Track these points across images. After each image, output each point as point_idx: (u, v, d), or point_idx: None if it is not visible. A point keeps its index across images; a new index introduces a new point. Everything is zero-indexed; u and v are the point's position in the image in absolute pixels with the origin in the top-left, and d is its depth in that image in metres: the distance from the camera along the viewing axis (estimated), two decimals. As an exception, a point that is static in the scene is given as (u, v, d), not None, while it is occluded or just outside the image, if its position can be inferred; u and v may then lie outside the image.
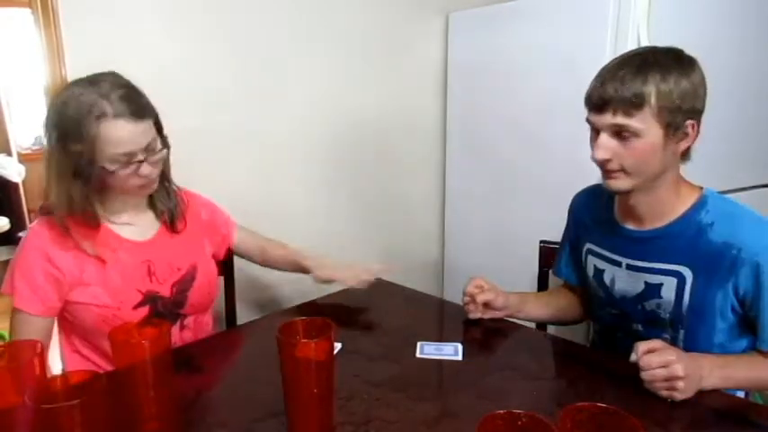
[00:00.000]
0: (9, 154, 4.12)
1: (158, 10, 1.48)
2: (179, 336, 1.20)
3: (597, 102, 0.97)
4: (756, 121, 1.90)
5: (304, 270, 1.34)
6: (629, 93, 0.93)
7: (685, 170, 1.06)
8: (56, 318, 1.13)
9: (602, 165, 1.01)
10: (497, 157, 2.02)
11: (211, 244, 1.32)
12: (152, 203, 1.20)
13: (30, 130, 4.40)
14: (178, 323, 1.20)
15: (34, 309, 1.07)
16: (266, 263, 1.42)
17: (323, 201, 1.94)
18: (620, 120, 0.95)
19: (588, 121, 1.01)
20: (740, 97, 1.81)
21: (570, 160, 1.75)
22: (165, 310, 1.17)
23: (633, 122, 0.94)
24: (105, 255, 1.11)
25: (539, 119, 1.85)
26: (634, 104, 0.93)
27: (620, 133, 0.96)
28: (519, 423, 0.58)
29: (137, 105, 1.04)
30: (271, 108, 1.75)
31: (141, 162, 1.05)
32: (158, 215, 1.21)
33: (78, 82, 1.05)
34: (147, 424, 0.79)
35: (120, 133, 1.01)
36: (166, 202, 1.21)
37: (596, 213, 1.19)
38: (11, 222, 3.85)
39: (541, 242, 1.49)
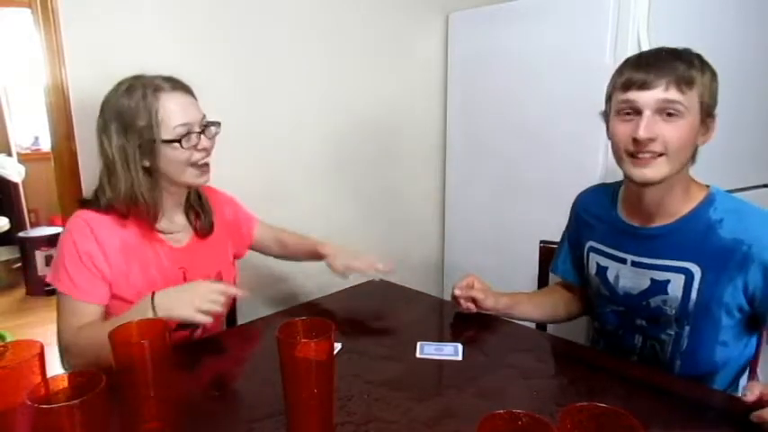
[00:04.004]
0: (9, 154, 4.12)
1: (158, 10, 1.48)
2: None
3: (643, 78, 0.96)
4: (757, 122, 1.90)
5: (320, 257, 1.36)
6: (682, 70, 0.94)
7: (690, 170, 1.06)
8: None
9: (642, 147, 0.97)
10: (497, 156, 2.02)
11: (233, 245, 1.33)
12: (185, 208, 1.22)
13: (30, 130, 4.40)
14: (200, 329, 1.21)
15: (95, 297, 1.07)
16: (283, 254, 1.44)
17: (324, 200, 1.94)
18: (673, 95, 0.94)
19: (618, 102, 0.99)
20: (741, 98, 1.81)
21: (571, 160, 1.75)
22: None
23: (684, 99, 0.94)
24: (149, 255, 1.13)
25: (538, 118, 1.85)
26: (687, 82, 0.94)
27: (664, 111, 0.95)
28: (519, 423, 0.58)
29: (183, 83, 1.14)
30: (272, 108, 1.74)
31: (200, 134, 1.12)
32: (191, 221, 1.23)
33: (123, 81, 1.11)
34: (147, 424, 0.79)
35: (178, 105, 1.10)
36: (197, 204, 1.23)
37: (600, 211, 1.19)
38: (11, 222, 3.86)
39: (541, 242, 1.49)
